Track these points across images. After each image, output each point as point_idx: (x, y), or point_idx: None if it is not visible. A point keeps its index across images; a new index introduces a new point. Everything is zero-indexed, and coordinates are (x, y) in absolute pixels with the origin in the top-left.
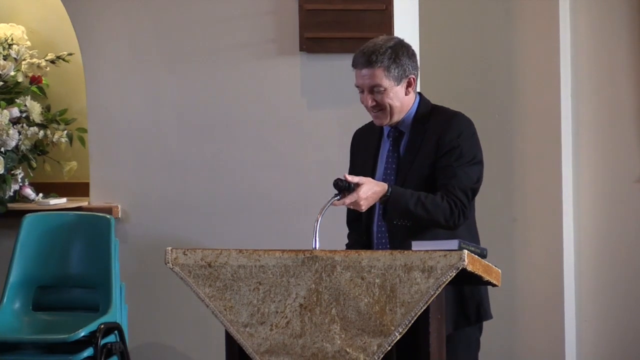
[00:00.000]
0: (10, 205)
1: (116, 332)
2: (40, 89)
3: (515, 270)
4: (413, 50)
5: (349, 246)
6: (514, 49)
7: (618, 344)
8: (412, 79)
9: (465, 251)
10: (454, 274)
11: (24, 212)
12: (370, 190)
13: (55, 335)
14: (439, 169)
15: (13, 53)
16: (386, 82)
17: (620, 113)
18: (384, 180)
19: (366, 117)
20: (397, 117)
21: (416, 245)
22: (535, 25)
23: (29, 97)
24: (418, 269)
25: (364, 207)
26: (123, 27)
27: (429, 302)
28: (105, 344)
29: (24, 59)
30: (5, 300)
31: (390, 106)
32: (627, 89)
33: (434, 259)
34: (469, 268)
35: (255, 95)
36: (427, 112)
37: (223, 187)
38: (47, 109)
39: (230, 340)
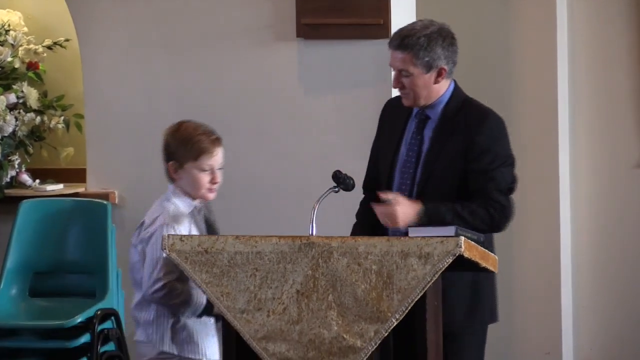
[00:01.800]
0: (7, 191)
1: (113, 318)
2: (37, 75)
3: (512, 258)
4: (452, 40)
5: (357, 223)
6: (510, 38)
7: (615, 333)
8: (443, 70)
9: (462, 237)
10: (451, 261)
11: (21, 198)
12: (406, 212)
13: (52, 321)
14: (474, 172)
15: (10, 39)
16: (413, 69)
17: (617, 99)
18: (403, 165)
19: (363, 104)
20: (422, 102)
21: (413, 231)
22: (532, 15)
23: (25, 83)
24: (415, 256)
25: (402, 226)
26: (120, 13)
27: (426, 289)
28: (102, 330)
29: (21, 45)
30: (1, 286)
31: (415, 92)
32: (624, 76)
33: (431, 246)
34: (466, 254)
35: (252, 82)
36: (458, 103)
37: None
38: (44, 95)
39: (227, 326)
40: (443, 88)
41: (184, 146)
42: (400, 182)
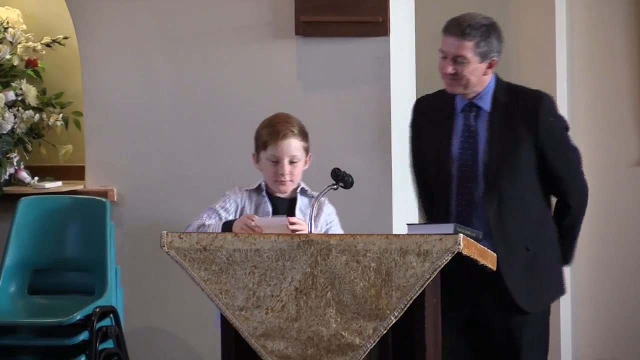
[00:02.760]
0: (6, 189)
1: (111, 315)
2: (36, 73)
3: None
4: (503, 36)
5: None
6: (510, 38)
7: (613, 331)
8: (494, 61)
9: (461, 235)
10: (450, 258)
11: (20, 196)
12: None
13: (50, 319)
14: (549, 152)
15: (9, 36)
16: (471, 56)
17: (616, 98)
18: (460, 159)
19: (362, 102)
20: (468, 91)
21: (411, 228)
22: (532, 15)
23: (24, 81)
24: (413, 253)
25: None
26: (118, 11)
27: (425, 286)
28: (101, 327)
29: (20, 43)
30: (0, 283)
31: (467, 79)
32: (623, 75)
33: (430, 243)
34: (465, 252)
35: (251, 79)
36: (505, 90)
37: (219, 171)
38: (42, 92)
39: (225, 324)
40: (488, 80)
41: (259, 136)
42: (460, 177)
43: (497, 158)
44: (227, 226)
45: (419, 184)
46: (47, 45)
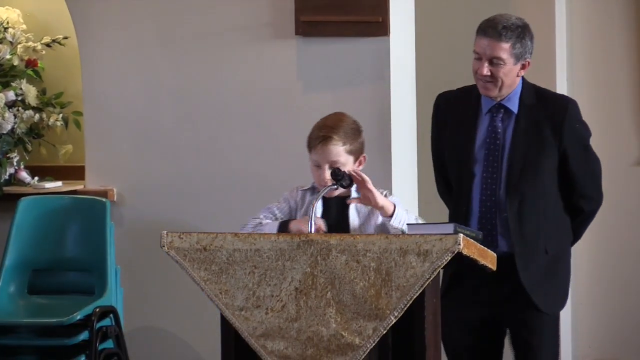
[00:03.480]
0: (6, 189)
1: (111, 315)
2: (36, 73)
3: None
4: (534, 37)
5: None
6: None
7: (613, 331)
8: (527, 63)
9: (461, 235)
10: (450, 258)
11: (20, 196)
12: None
13: (50, 319)
14: (569, 157)
15: (9, 36)
16: (507, 57)
17: (616, 98)
18: (486, 160)
19: (362, 102)
20: (503, 92)
21: (411, 228)
22: (532, 15)
23: (24, 81)
24: (413, 253)
25: None
26: (119, 11)
27: (425, 286)
28: (101, 327)
29: (20, 43)
30: (0, 283)
31: (502, 81)
32: (623, 75)
33: (430, 243)
34: (465, 252)
35: (251, 79)
36: (531, 93)
37: (219, 171)
38: (42, 92)
39: (225, 324)
40: (518, 80)
41: (308, 137)
42: (484, 178)
43: (521, 160)
44: (284, 226)
45: (438, 181)
46: (47, 45)
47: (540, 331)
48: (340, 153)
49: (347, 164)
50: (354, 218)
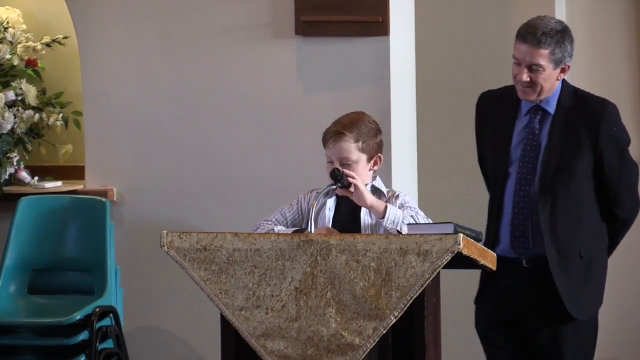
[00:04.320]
0: (6, 189)
1: (111, 315)
2: (36, 72)
3: None
4: (574, 39)
5: None
6: (509, 33)
7: (613, 328)
8: (567, 67)
9: (461, 235)
10: (450, 258)
11: (20, 196)
12: None
13: (50, 319)
14: (605, 160)
15: (9, 36)
16: (546, 64)
17: (616, 98)
18: (521, 160)
19: (362, 101)
20: (542, 97)
21: (411, 228)
22: (532, 8)
23: (24, 80)
24: (413, 253)
25: None
26: (118, 11)
27: (425, 286)
28: (101, 327)
29: (20, 42)
30: (0, 283)
31: (542, 86)
32: (623, 75)
33: (430, 243)
34: (464, 252)
35: (251, 79)
36: (570, 95)
37: (218, 171)
38: (42, 92)
39: (225, 324)
40: (558, 84)
41: (323, 133)
42: (519, 179)
43: (555, 160)
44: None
45: (487, 177)
46: (47, 45)
47: (569, 337)
48: (352, 150)
49: (359, 162)
50: (365, 218)
